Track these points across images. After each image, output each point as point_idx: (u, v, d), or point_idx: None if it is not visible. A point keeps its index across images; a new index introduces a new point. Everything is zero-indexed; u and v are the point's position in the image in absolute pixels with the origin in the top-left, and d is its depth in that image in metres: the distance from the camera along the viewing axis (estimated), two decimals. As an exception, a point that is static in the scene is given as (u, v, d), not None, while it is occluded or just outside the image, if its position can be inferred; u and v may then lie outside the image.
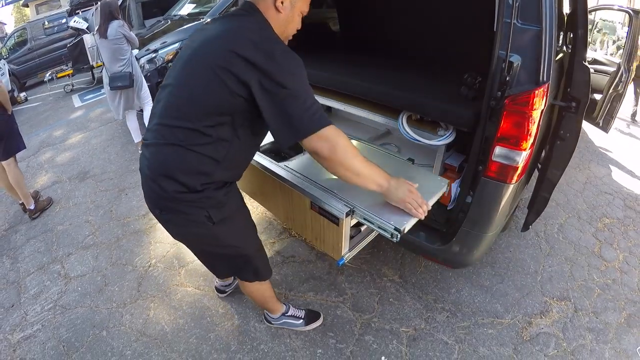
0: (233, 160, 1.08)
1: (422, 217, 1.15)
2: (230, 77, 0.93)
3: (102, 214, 2.77)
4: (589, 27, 4.82)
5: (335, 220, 1.17)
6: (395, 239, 1.11)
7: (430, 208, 1.18)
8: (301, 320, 1.72)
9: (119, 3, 6.39)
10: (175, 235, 1.22)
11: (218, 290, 1.93)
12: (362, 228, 1.41)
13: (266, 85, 0.92)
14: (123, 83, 3.20)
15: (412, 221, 1.15)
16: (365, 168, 1.05)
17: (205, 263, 1.40)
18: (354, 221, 1.23)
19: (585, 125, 4.02)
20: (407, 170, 1.47)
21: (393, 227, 1.12)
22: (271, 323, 1.75)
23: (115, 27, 3.08)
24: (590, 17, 4.95)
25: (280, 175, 1.36)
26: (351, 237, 1.31)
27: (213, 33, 1.01)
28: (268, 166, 1.42)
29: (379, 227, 1.13)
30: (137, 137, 3.62)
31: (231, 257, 1.29)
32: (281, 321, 1.72)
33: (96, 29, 3.08)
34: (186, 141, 1.00)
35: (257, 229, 2.37)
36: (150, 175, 1.07)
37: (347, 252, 1.26)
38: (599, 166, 3.37)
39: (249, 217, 1.31)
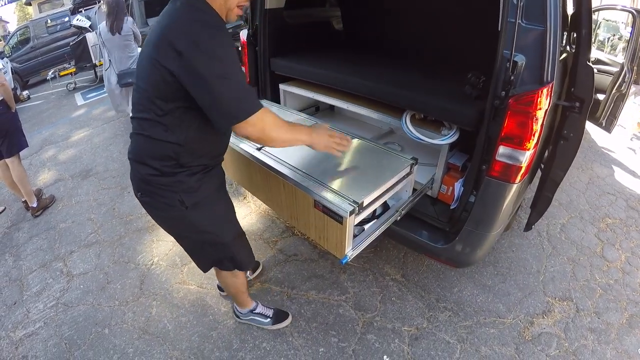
0: (196, 143, 1.12)
1: (345, 149, 1.29)
2: (162, 67, 0.96)
3: (104, 211, 2.78)
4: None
5: (339, 219, 1.18)
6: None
7: (350, 142, 1.33)
8: (269, 319, 1.73)
9: (122, 1, 6.39)
10: (155, 218, 1.27)
11: (220, 288, 1.93)
12: (366, 227, 1.41)
13: (192, 72, 0.94)
14: (133, 79, 3.22)
15: (373, 194, 1.25)
16: (289, 133, 1.15)
17: (187, 251, 1.43)
18: (357, 219, 1.23)
19: (588, 125, 4.01)
20: (377, 152, 1.54)
21: (352, 200, 1.18)
22: (239, 318, 1.76)
23: (128, 23, 3.09)
24: (594, 17, 4.94)
25: (283, 174, 1.37)
26: (355, 236, 1.32)
27: (156, 25, 1.05)
28: (272, 165, 1.42)
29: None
30: None
31: (207, 243, 1.33)
32: (249, 317, 1.73)
33: (108, 24, 3.03)
34: (147, 130, 1.08)
35: (260, 227, 2.42)
36: (131, 161, 1.18)
37: (350, 250, 1.27)
38: (601, 166, 3.36)
39: (227, 204, 1.35)
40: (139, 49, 3.84)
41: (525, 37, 1.09)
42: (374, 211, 1.45)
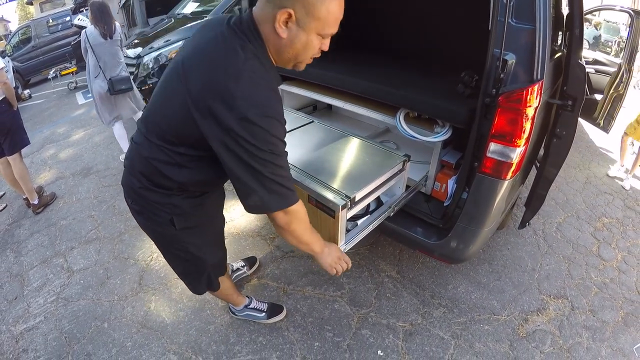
0: (196, 186, 1.05)
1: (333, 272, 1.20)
2: (193, 123, 0.87)
3: (105, 209, 2.81)
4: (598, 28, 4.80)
5: (331, 212, 1.20)
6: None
7: (349, 265, 1.23)
8: (264, 313, 1.75)
9: (123, 2, 6.44)
10: (142, 226, 1.19)
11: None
12: (359, 222, 1.44)
13: (238, 151, 0.84)
14: (126, 86, 3.13)
15: (365, 190, 1.29)
16: (309, 238, 1.09)
17: (167, 261, 1.35)
18: (350, 214, 1.25)
19: (586, 125, 4.03)
20: (371, 149, 1.55)
21: (344, 195, 1.21)
22: (235, 314, 1.78)
23: (117, 27, 3.04)
24: (594, 17, 4.94)
25: None
26: (348, 231, 1.34)
27: (197, 55, 0.91)
28: None
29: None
30: (125, 146, 3.46)
31: (188, 262, 1.29)
32: (244, 313, 1.75)
33: (99, 30, 2.93)
34: (148, 151, 0.99)
35: (258, 224, 2.44)
36: (125, 167, 1.10)
37: (343, 245, 1.29)
38: (599, 166, 3.36)
39: (219, 229, 1.31)
40: (139, 49, 3.87)
41: (515, 36, 1.11)
42: (368, 206, 1.48)
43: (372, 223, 1.42)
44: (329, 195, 1.21)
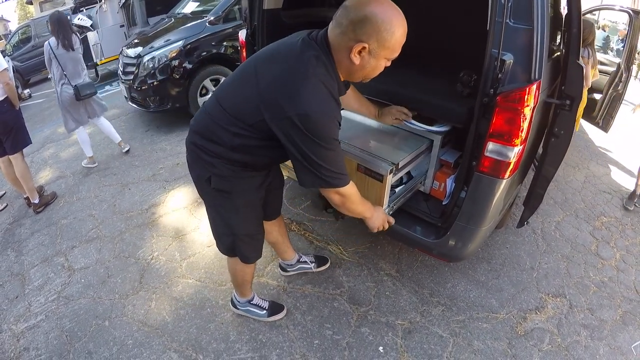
0: (239, 154, 1.15)
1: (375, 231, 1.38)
2: (258, 112, 1.01)
3: (105, 208, 2.82)
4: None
5: (379, 177, 1.38)
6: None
7: (393, 222, 1.42)
8: (265, 311, 1.77)
9: (123, 1, 6.44)
10: (193, 181, 1.31)
11: (281, 267, 2.02)
12: (397, 189, 1.62)
13: (296, 139, 0.98)
14: (91, 91, 3.24)
15: (407, 158, 1.51)
16: (360, 207, 1.24)
17: (208, 219, 1.46)
18: (395, 178, 1.45)
19: (585, 124, 4.03)
20: (399, 131, 1.75)
21: (390, 162, 1.42)
22: (236, 308, 1.79)
23: (77, 38, 3.18)
24: (594, 17, 4.95)
25: None
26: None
27: (273, 55, 1.07)
28: None
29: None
30: (88, 152, 3.48)
31: (218, 221, 1.39)
32: (245, 308, 1.77)
33: (59, 42, 3.04)
34: (216, 116, 1.13)
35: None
36: (190, 127, 1.24)
37: (387, 207, 1.47)
38: (598, 165, 3.37)
39: (249, 207, 1.35)
40: (139, 49, 3.89)
41: (513, 36, 1.12)
42: (401, 179, 1.68)
43: (407, 190, 1.65)
44: (377, 162, 1.41)
